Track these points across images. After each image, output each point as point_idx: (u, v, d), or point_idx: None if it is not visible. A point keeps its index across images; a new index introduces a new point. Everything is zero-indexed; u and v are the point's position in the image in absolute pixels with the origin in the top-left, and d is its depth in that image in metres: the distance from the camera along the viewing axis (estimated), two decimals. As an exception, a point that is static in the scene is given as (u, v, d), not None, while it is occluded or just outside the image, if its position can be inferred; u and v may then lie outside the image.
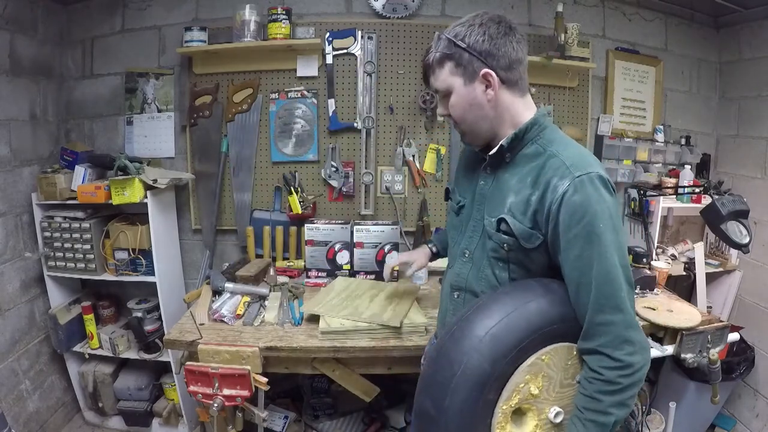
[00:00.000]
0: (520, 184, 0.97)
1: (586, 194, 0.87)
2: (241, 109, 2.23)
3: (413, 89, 2.24)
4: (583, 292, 0.89)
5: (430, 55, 0.99)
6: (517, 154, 1.00)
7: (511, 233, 0.96)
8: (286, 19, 2.07)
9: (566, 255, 0.90)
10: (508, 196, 0.98)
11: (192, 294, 1.90)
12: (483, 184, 1.06)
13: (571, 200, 0.88)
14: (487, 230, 1.02)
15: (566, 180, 0.89)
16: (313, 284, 2.03)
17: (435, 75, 1.00)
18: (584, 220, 0.87)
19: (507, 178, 1.00)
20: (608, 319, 0.86)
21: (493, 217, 1.00)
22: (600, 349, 0.87)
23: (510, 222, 0.96)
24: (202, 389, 1.45)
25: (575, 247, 0.88)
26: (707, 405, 1.97)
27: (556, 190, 0.90)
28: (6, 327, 2.00)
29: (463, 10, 2.24)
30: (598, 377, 0.87)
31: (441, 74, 0.98)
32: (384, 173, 2.29)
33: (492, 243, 1.01)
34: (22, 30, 2.06)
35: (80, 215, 2.07)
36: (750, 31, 2.31)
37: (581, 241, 0.87)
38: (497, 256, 1.01)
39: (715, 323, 1.67)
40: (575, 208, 0.87)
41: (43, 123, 2.22)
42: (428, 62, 0.99)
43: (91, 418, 2.38)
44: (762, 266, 2.27)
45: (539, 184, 0.93)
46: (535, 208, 0.93)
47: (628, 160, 2.41)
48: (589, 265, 0.87)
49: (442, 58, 0.97)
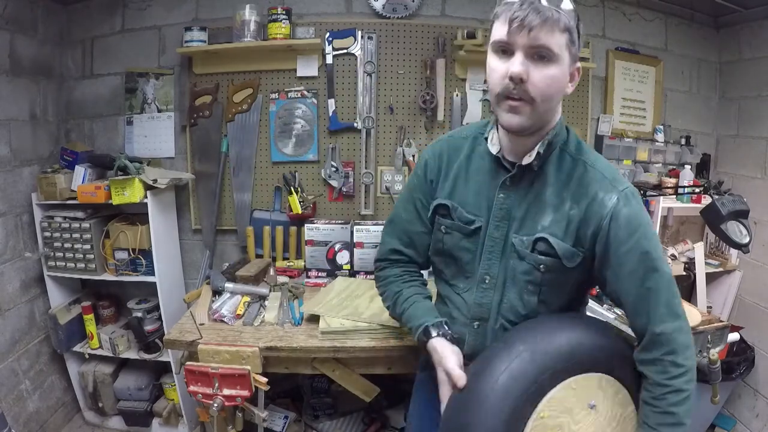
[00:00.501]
0: (556, 199, 0.91)
1: (633, 208, 0.87)
2: (241, 109, 2.23)
3: (413, 89, 2.24)
4: (641, 305, 0.87)
5: (554, 11, 0.78)
6: (545, 162, 0.92)
7: (553, 254, 0.91)
8: (286, 19, 2.07)
9: (620, 270, 0.88)
10: (544, 212, 0.91)
11: (192, 294, 1.91)
12: (503, 197, 0.94)
13: (621, 214, 0.87)
14: (518, 251, 0.94)
15: (613, 194, 0.88)
16: (313, 284, 2.03)
17: (552, 33, 0.79)
18: (636, 234, 0.86)
19: (538, 190, 0.92)
20: (671, 327, 0.85)
21: (525, 236, 0.93)
22: (665, 357, 0.85)
23: (553, 242, 0.90)
24: (202, 389, 1.44)
25: (630, 261, 0.87)
26: (707, 405, 1.97)
27: (604, 205, 0.88)
28: (6, 327, 2.00)
29: (463, 10, 2.24)
30: (668, 389, 0.84)
31: (559, 38, 0.80)
32: (384, 173, 2.29)
33: (525, 265, 0.94)
34: (22, 30, 2.06)
35: (80, 215, 2.07)
36: (750, 31, 2.31)
37: (636, 255, 0.86)
38: (530, 279, 0.94)
39: (715, 323, 1.67)
40: (626, 223, 0.87)
41: (43, 123, 2.22)
42: (552, 16, 0.78)
43: (91, 418, 2.38)
44: (762, 266, 2.27)
45: (581, 198, 0.89)
46: (577, 224, 0.90)
47: (628, 160, 2.41)
48: (646, 277, 0.86)
49: (567, 26, 0.80)
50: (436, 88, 2.21)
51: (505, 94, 0.84)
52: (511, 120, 0.85)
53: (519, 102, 0.83)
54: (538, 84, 0.81)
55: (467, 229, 1.00)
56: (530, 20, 0.77)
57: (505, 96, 0.84)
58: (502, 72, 0.82)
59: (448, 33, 2.19)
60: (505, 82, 0.82)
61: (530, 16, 0.77)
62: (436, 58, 2.19)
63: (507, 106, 0.84)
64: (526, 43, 0.79)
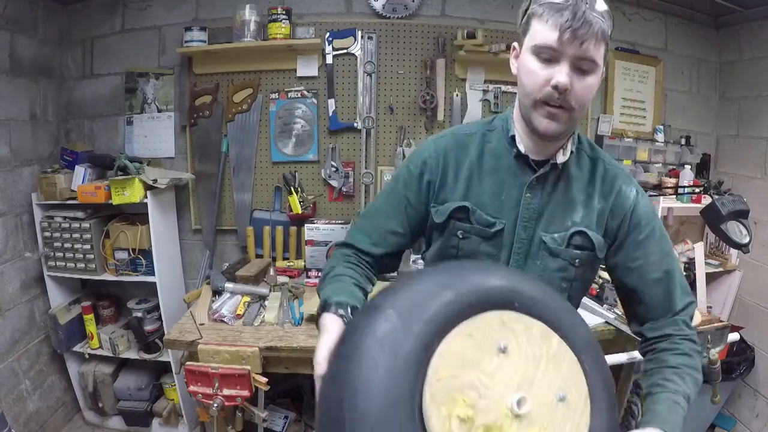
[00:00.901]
0: (584, 195, 0.93)
1: (647, 200, 0.95)
2: (241, 109, 2.23)
3: (413, 89, 2.24)
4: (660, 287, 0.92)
5: (602, 21, 0.78)
6: (568, 161, 0.93)
7: (589, 247, 0.92)
8: (286, 19, 2.07)
9: (637, 254, 0.92)
10: (574, 209, 0.92)
11: (192, 294, 1.91)
12: (530, 197, 0.92)
13: (641, 204, 0.93)
14: (550, 248, 0.93)
15: (632, 187, 0.94)
16: (313, 284, 2.03)
17: (597, 45, 0.79)
18: (653, 221, 0.93)
19: (564, 189, 0.92)
20: (687, 300, 0.93)
21: (556, 233, 0.92)
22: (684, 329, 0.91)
23: (591, 235, 0.92)
24: (202, 389, 1.45)
25: (649, 246, 0.92)
26: (707, 405, 1.97)
27: (627, 197, 0.93)
28: (6, 327, 2.00)
29: (463, 10, 2.24)
30: (687, 336, 0.90)
31: (601, 49, 0.80)
32: (384, 173, 2.29)
33: (559, 262, 0.93)
34: (22, 30, 2.06)
35: (80, 215, 2.07)
36: (750, 31, 2.31)
37: (654, 241, 0.92)
38: (564, 276, 0.94)
39: (715, 323, 1.67)
40: (645, 212, 0.93)
41: (43, 123, 2.22)
42: (602, 28, 0.78)
43: (91, 418, 2.38)
44: (762, 266, 2.27)
45: (608, 194, 0.93)
46: (607, 216, 0.93)
47: (628, 160, 2.41)
48: (663, 261, 0.92)
49: (606, 37, 0.80)
50: (436, 88, 2.21)
51: (545, 101, 0.82)
52: (548, 126, 0.83)
53: (559, 110, 0.82)
54: (579, 93, 0.81)
55: (488, 233, 0.94)
56: (583, 33, 0.76)
57: (544, 102, 0.82)
58: (544, 78, 0.80)
59: (448, 33, 2.19)
60: (547, 90, 0.80)
61: (583, 28, 0.76)
62: (436, 58, 2.19)
63: (546, 112, 0.83)
64: (575, 54, 0.78)
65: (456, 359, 0.65)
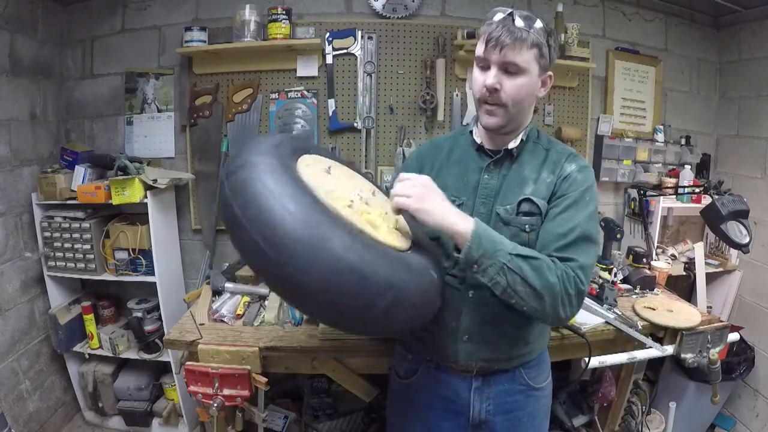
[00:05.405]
0: (535, 174, 1.08)
1: (586, 175, 1.07)
2: (241, 109, 2.23)
3: (413, 89, 2.24)
4: (551, 229, 1.02)
5: (524, 32, 0.96)
6: (522, 151, 1.11)
7: (537, 212, 1.05)
8: (286, 19, 2.07)
9: (555, 204, 1.04)
10: (525, 184, 1.08)
11: (192, 294, 1.90)
12: (488, 178, 1.10)
13: (573, 176, 1.06)
14: (503, 218, 1.07)
15: (573, 164, 1.08)
16: (313, 284, 2.03)
17: (520, 51, 0.97)
18: (579, 189, 1.05)
19: (517, 170, 1.10)
20: (571, 255, 0.98)
21: (508, 205, 1.07)
22: (556, 257, 0.98)
23: (536, 200, 1.05)
24: (202, 389, 1.45)
25: (563, 202, 1.04)
26: (707, 405, 1.98)
27: (566, 169, 1.07)
28: (6, 327, 2.00)
29: (463, 10, 2.24)
30: (539, 257, 0.96)
31: (527, 54, 0.98)
32: (384, 173, 2.29)
33: (511, 229, 1.06)
34: (22, 30, 2.06)
35: (80, 215, 2.07)
36: (750, 31, 2.31)
37: (569, 200, 1.04)
38: (518, 242, 1.02)
39: (715, 323, 1.67)
40: (574, 181, 1.05)
41: (43, 123, 2.22)
42: (521, 36, 0.96)
43: (91, 418, 2.38)
44: (762, 266, 2.28)
45: (555, 169, 1.08)
46: (553, 187, 1.07)
47: (628, 160, 2.41)
48: (573, 218, 1.02)
49: (535, 43, 0.98)
50: (436, 88, 2.21)
51: (483, 100, 1.03)
52: (489, 121, 1.05)
53: (494, 106, 1.02)
54: (509, 92, 1.00)
55: None
56: (502, 40, 0.96)
57: (483, 101, 1.03)
58: (480, 82, 1.02)
59: (448, 33, 2.19)
60: (483, 91, 1.01)
61: (502, 37, 0.96)
62: (436, 58, 2.19)
63: (485, 110, 1.04)
64: (498, 59, 0.98)
65: (310, 177, 0.93)
